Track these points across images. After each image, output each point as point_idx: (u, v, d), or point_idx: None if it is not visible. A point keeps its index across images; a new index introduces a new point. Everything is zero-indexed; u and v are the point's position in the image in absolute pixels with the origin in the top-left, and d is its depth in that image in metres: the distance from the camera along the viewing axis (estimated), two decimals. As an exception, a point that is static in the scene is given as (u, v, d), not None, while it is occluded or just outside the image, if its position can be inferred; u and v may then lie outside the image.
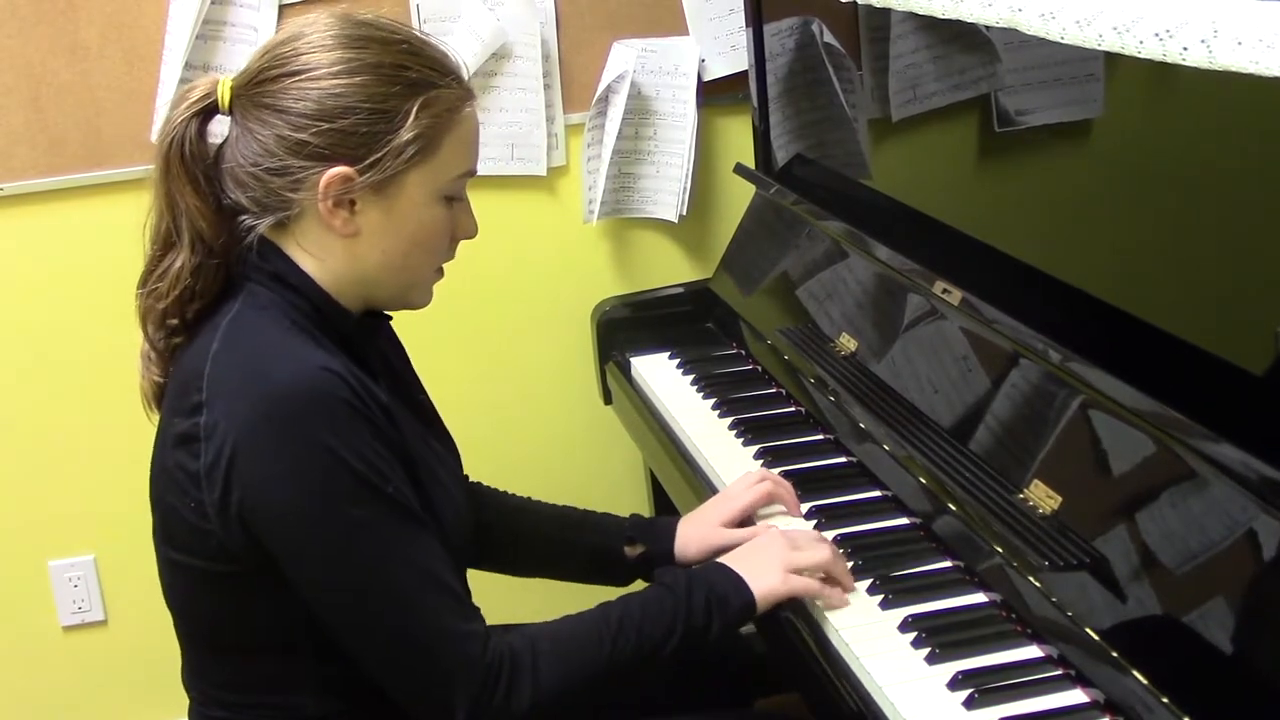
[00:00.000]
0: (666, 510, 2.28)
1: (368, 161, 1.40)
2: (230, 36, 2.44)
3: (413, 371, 1.66)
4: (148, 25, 2.43)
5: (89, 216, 2.49)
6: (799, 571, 1.53)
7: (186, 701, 1.56)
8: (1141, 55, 1.31)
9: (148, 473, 1.49)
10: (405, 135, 1.41)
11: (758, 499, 1.74)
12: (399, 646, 1.38)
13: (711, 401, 2.14)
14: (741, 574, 1.52)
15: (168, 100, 2.41)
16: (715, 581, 1.51)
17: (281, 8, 2.44)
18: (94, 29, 2.42)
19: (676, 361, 2.33)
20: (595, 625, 1.45)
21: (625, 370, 2.39)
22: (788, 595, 1.52)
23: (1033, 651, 1.42)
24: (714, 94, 2.61)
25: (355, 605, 1.38)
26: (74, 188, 2.48)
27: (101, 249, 2.50)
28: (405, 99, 1.41)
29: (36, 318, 2.53)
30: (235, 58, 2.43)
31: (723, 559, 1.57)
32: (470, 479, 1.73)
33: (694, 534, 1.73)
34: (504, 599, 1.74)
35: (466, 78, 1.48)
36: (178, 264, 1.44)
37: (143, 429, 1.55)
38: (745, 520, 1.74)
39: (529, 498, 1.82)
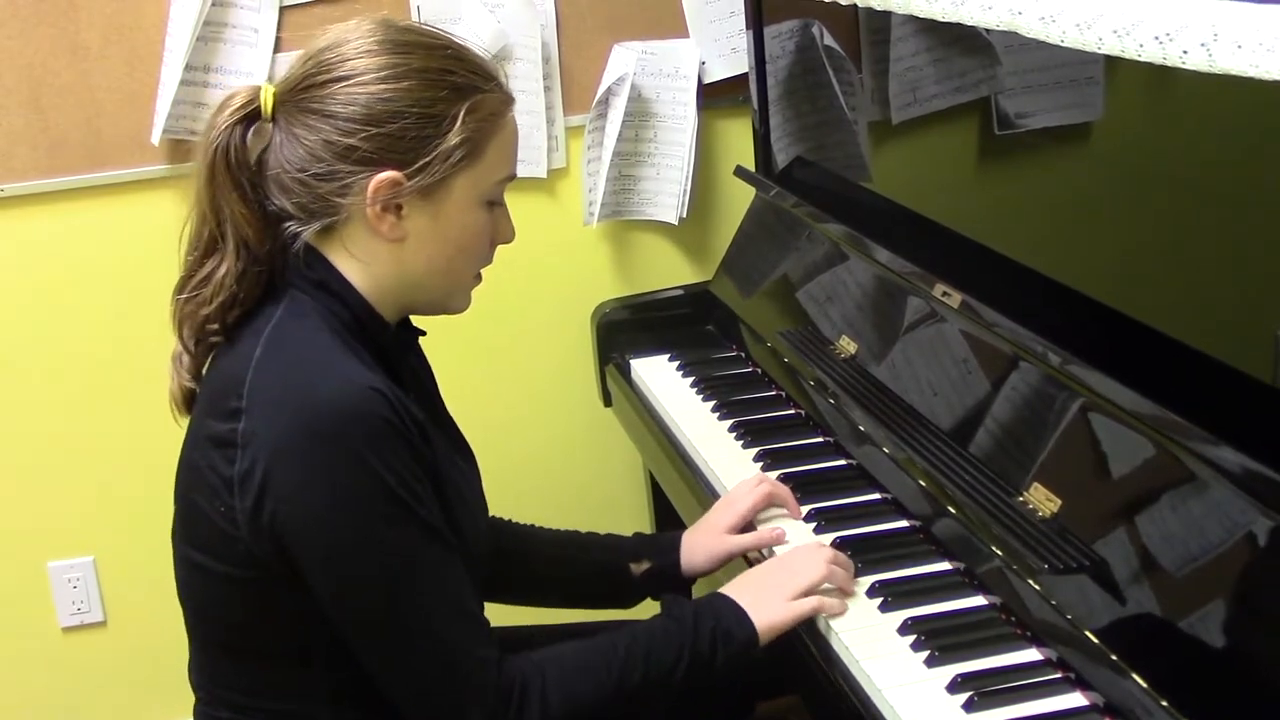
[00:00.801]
0: (665, 512, 2.28)
1: (416, 166, 1.41)
2: (231, 38, 2.44)
3: (438, 390, 1.65)
4: (148, 27, 2.43)
5: (89, 218, 2.50)
6: (800, 595, 1.53)
7: (186, 703, 1.55)
8: (1141, 58, 1.31)
9: (148, 474, 1.49)
10: (452, 140, 1.41)
11: (758, 502, 1.74)
12: (417, 666, 1.38)
13: (711, 404, 2.14)
14: (744, 606, 1.51)
15: (168, 102, 2.41)
16: (720, 613, 1.50)
17: (282, 9, 2.44)
18: (95, 30, 2.42)
19: (676, 364, 2.33)
20: (603, 653, 1.45)
21: (625, 372, 2.39)
22: (792, 623, 1.52)
23: (1032, 654, 1.42)
24: (714, 96, 2.61)
25: (378, 623, 1.38)
26: (74, 189, 2.48)
27: (102, 250, 2.50)
28: (452, 103, 1.41)
29: (36, 318, 2.53)
30: (236, 59, 2.44)
31: (725, 589, 1.56)
32: None
33: (700, 544, 1.73)
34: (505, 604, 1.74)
35: (506, 83, 1.48)
36: (221, 270, 1.43)
37: (143, 429, 1.55)
38: (748, 525, 1.74)
39: (532, 524, 1.82)
